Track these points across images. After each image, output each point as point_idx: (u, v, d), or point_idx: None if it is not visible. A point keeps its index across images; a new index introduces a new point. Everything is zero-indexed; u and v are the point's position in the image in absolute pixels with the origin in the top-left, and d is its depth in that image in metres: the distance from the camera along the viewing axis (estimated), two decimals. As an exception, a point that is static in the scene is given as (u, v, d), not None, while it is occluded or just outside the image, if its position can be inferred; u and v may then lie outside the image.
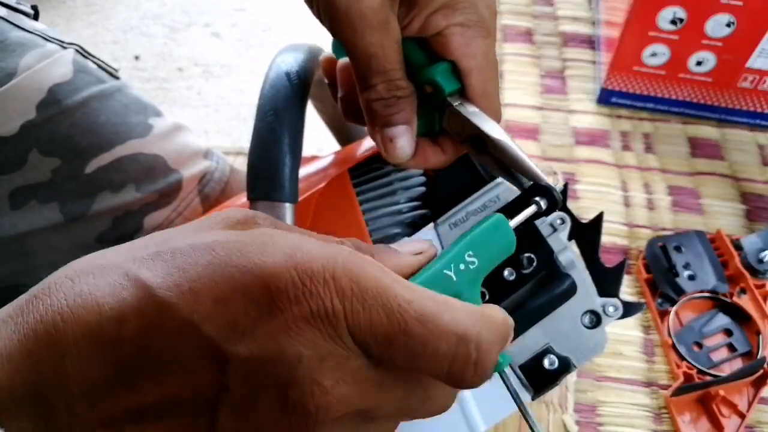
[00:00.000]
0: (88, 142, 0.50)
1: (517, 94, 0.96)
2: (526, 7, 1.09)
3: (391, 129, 0.34)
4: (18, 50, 0.47)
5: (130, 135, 0.52)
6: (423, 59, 0.36)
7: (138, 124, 0.52)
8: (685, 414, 0.64)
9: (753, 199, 0.83)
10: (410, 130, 0.35)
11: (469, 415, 0.35)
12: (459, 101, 0.35)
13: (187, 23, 1.17)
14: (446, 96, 0.35)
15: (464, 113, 0.35)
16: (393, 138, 0.34)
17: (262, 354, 0.19)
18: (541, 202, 0.32)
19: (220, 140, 0.95)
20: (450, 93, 0.35)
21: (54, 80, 0.48)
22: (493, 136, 0.34)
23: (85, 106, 0.50)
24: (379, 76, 0.33)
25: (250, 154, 0.38)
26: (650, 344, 0.70)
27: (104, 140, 0.51)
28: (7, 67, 0.46)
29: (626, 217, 0.81)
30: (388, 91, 0.33)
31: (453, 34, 0.34)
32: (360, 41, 0.32)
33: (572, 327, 0.36)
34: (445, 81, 0.35)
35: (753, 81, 0.87)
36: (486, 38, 0.36)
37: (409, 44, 0.35)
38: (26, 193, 0.48)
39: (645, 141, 0.90)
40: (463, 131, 0.35)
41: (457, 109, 0.35)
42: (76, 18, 1.19)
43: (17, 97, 0.47)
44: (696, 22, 0.82)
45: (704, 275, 0.71)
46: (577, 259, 0.36)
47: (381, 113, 0.34)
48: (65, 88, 0.49)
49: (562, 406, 0.64)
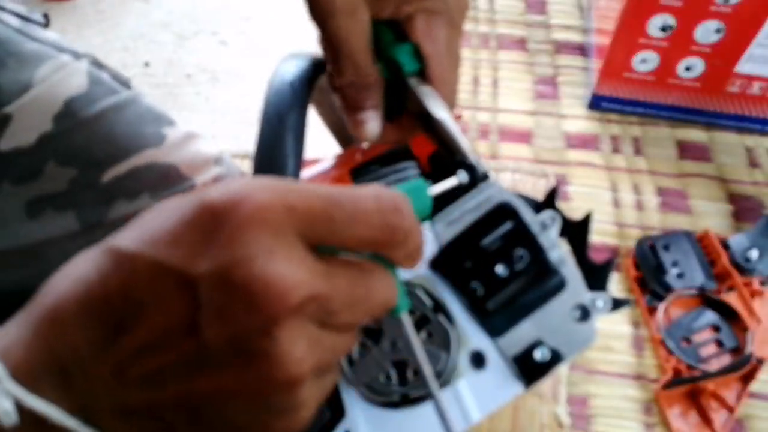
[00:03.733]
0: (105, 152, 0.51)
1: (510, 99, 0.99)
2: (520, 16, 1.12)
3: (361, 113, 0.38)
4: (33, 62, 0.48)
5: (145, 145, 0.53)
6: (391, 40, 0.38)
7: (152, 134, 0.53)
8: (675, 407, 0.66)
9: (740, 200, 0.85)
10: (378, 113, 0.38)
11: (464, 405, 0.37)
12: (417, 81, 0.38)
13: (195, 31, 1.19)
14: (406, 75, 0.37)
15: (418, 92, 0.37)
16: (363, 121, 0.38)
17: (218, 265, 0.21)
18: (463, 176, 0.35)
19: (227, 144, 0.97)
20: (410, 72, 0.38)
21: (69, 92, 0.49)
22: (436, 114, 0.36)
23: (101, 117, 0.50)
24: (348, 63, 0.36)
25: (255, 158, 0.40)
26: (640, 339, 0.72)
27: (120, 150, 0.51)
28: (23, 79, 0.47)
29: (616, 217, 0.83)
30: (357, 77, 0.37)
31: (419, 18, 0.37)
32: (329, 27, 0.35)
33: (563, 321, 0.37)
34: (406, 60, 0.37)
35: (741, 85, 0.89)
36: (450, 28, 0.38)
37: (382, 27, 0.38)
38: (43, 203, 0.49)
39: (634, 144, 0.92)
40: (417, 109, 0.38)
41: (412, 88, 0.37)
42: (87, 26, 1.20)
43: (34, 109, 0.47)
44: (685, 28, 0.84)
45: (692, 273, 0.73)
46: (567, 256, 0.38)
47: (351, 97, 0.37)
48: (81, 100, 0.50)
49: (554, 398, 0.65)
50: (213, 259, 0.21)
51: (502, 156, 0.91)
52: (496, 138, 0.93)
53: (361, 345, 0.35)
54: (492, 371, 0.36)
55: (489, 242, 0.36)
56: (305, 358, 0.23)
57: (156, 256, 0.22)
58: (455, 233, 0.37)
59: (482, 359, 0.36)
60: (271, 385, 0.22)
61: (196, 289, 0.22)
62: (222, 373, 0.22)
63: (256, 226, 0.22)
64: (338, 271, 0.24)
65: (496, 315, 0.36)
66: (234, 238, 0.21)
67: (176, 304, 0.22)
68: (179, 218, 0.22)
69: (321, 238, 0.23)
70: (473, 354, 0.36)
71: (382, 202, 0.24)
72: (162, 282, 0.22)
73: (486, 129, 0.94)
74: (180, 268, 0.22)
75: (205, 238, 0.22)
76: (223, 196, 0.22)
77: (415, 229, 0.26)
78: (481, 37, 1.08)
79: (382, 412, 0.36)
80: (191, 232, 0.22)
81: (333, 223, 0.23)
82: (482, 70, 1.03)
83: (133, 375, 0.22)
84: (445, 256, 0.37)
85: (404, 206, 0.25)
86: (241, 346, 0.22)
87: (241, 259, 0.21)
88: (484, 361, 0.36)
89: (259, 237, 0.22)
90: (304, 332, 0.23)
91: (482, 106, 0.98)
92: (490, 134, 0.94)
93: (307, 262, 0.23)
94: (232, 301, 0.21)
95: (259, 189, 0.22)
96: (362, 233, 0.24)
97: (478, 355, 0.36)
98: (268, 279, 0.21)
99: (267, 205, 0.22)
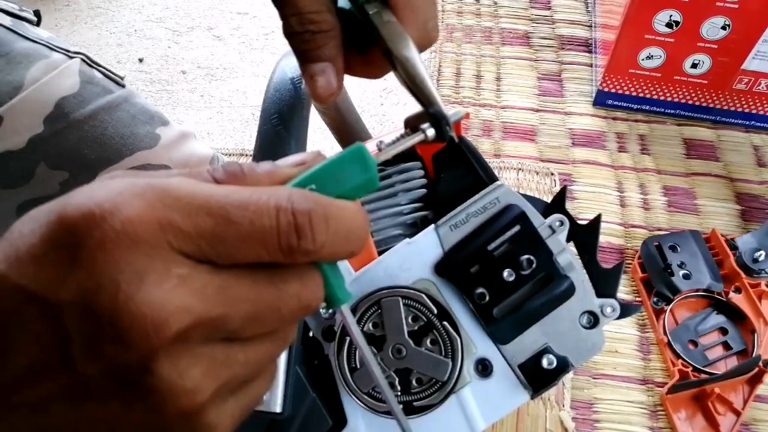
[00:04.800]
0: (97, 154, 0.50)
1: (514, 96, 0.97)
2: (524, 11, 1.10)
3: (312, 66, 0.32)
4: (24, 62, 0.47)
5: (138, 146, 0.52)
6: None
7: (146, 135, 0.53)
8: (681, 411, 0.65)
9: (748, 200, 0.84)
10: (332, 67, 0.32)
11: (469, 414, 0.36)
12: (377, 9, 0.31)
13: (190, 26, 1.17)
14: (362, 2, 0.31)
15: (376, 23, 0.31)
16: (314, 75, 0.32)
17: (81, 292, 0.18)
18: (428, 131, 0.28)
19: (223, 142, 0.96)
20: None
21: (61, 93, 0.48)
22: (397, 52, 0.30)
23: (93, 118, 0.49)
24: (289, 8, 0.31)
25: (255, 156, 0.39)
26: (646, 342, 0.71)
27: (113, 152, 0.51)
28: (14, 80, 0.46)
29: (622, 217, 0.82)
30: (300, 25, 0.31)
31: None
32: None
33: (570, 327, 0.36)
34: None
35: (748, 83, 0.88)
36: None
37: None
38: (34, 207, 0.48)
39: (640, 142, 0.91)
40: (379, 44, 0.31)
41: (371, 19, 0.31)
42: (80, 21, 1.19)
43: (24, 111, 0.46)
44: (692, 24, 0.82)
45: (699, 274, 0.72)
46: (575, 261, 0.37)
47: (299, 48, 0.32)
48: (72, 101, 0.49)
49: (559, 402, 0.64)
50: (76, 284, 0.18)
51: (505, 154, 0.89)
52: (499, 135, 0.92)
53: (362, 352, 0.34)
54: (498, 379, 0.35)
55: (495, 246, 0.35)
56: (201, 386, 0.20)
57: (18, 280, 0.19)
58: (460, 237, 0.36)
59: (488, 367, 0.35)
60: (166, 417, 0.20)
61: (62, 317, 0.19)
62: (108, 404, 0.20)
63: (120, 245, 0.19)
64: (239, 281, 0.21)
65: (502, 322, 0.35)
66: (95, 259, 0.18)
67: (45, 334, 0.19)
68: (41, 233, 0.19)
69: (208, 257, 0.20)
70: (479, 361, 0.35)
71: (283, 220, 0.21)
72: (27, 309, 0.19)
73: (489, 126, 0.93)
74: (43, 294, 0.19)
75: (68, 257, 0.19)
76: (82, 207, 0.19)
77: (325, 243, 0.22)
78: (485, 32, 1.07)
79: (385, 421, 0.35)
80: (53, 250, 0.19)
81: (223, 244, 0.20)
82: (485, 66, 1.02)
83: (17, 402, 0.20)
84: (450, 261, 0.36)
85: (311, 223, 0.21)
86: (123, 380, 0.19)
87: (104, 285, 0.18)
88: (490, 368, 0.35)
89: (125, 258, 0.18)
90: (196, 359, 0.20)
91: (485, 102, 0.96)
92: (494, 131, 0.92)
93: (190, 282, 0.19)
94: (101, 333, 0.18)
95: (130, 199, 0.19)
96: (257, 254, 0.21)
97: (483, 362, 0.35)
98: (136, 310, 0.18)
99: (136, 220, 0.19)
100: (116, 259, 0.18)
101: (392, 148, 0.27)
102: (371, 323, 0.35)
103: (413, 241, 0.37)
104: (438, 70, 1.01)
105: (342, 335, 0.35)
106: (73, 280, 0.19)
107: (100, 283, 0.18)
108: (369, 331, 0.35)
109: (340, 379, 0.34)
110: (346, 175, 0.24)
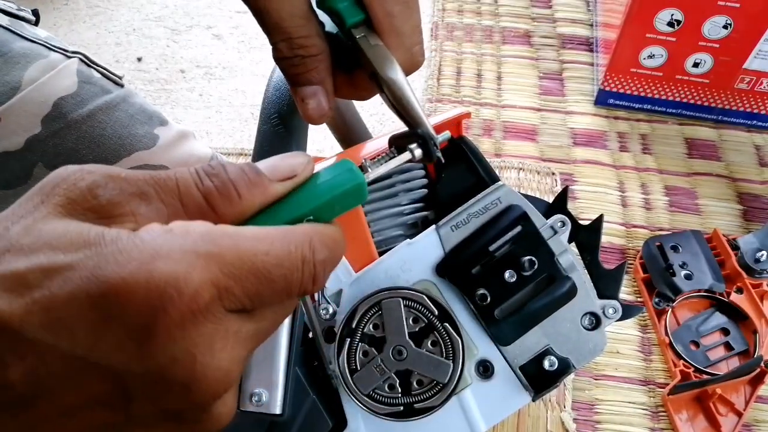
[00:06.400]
0: (95, 155, 0.49)
1: (515, 96, 0.97)
2: (525, 9, 1.10)
3: (303, 89, 0.33)
4: (22, 62, 0.47)
5: (137, 147, 0.52)
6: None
7: (144, 135, 0.52)
8: (683, 412, 0.65)
9: (749, 200, 0.83)
10: (322, 90, 0.33)
11: (470, 416, 0.36)
12: (364, 33, 0.32)
13: (188, 25, 1.17)
14: (349, 27, 0.32)
15: (363, 46, 0.32)
16: (304, 98, 0.33)
17: (158, 366, 0.20)
18: (416, 151, 0.29)
19: (222, 142, 0.95)
20: (353, 24, 0.32)
21: (59, 93, 0.48)
22: (383, 74, 0.31)
23: (91, 119, 0.49)
24: (278, 34, 0.31)
25: (255, 156, 0.38)
26: (647, 343, 0.70)
27: (111, 153, 0.50)
28: (12, 80, 0.46)
29: (623, 217, 0.82)
30: (290, 50, 0.32)
31: None
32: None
33: (572, 328, 0.36)
34: (347, 10, 0.32)
35: (750, 82, 0.88)
36: None
37: None
38: None
39: (642, 142, 0.91)
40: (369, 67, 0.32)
41: (359, 43, 0.32)
42: (79, 20, 1.18)
43: (22, 111, 0.46)
44: (693, 23, 0.82)
45: (701, 275, 0.72)
46: (577, 262, 0.37)
47: (289, 72, 0.33)
48: (70, 101, 0.49)
49: (560, 403, 0.64)
50: (150, 359, 0.19)
51: (506, 153, 0.89)
52: (500, 135, 0.92)
53: (363, 353, 0.34)
54: (499, 381, 0.35)
55: (497, 247, 0.35)
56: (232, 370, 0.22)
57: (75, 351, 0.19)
58: (461, 237, 0.36)
59: (489, 368, 0.35)
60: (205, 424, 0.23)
61: (124, 381, 0.20)
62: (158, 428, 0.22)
63: (193, 321, 0.20)
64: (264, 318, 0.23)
65: (503, 323, 0.35)
66: (170, 336, 0.20)
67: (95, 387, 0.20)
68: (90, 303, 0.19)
69: (245, 308, 0.22)
70: (480, 363, 0.35)
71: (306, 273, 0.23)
72: (79, 372, 0.19)
73: (490, 126, 0.93)
74: (105, 365, 0.19)
75: (138, 336, 0.19)
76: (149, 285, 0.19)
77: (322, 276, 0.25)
78: (485, 31, 1.07)
79: (385, 423, 0.34)
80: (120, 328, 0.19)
81: (260, 298, 0.22)
82: (486, 65, 1.01)
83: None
84: (451, 262, 0.35)
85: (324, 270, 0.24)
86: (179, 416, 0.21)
87: (180, 359, 0.20)
88: (491, 370, 0.35)
89: (197, 330, 0.20)
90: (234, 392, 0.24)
91: (486, 102, 0.96)
92: (495, 131, 0.92)
93: (238, 335, 0.22)
94: (169, 394, 0.20)
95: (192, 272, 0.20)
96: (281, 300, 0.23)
97: (484, 364, 0.35)
98: (211, 376, 0.21)
99: (202, 295, 0.20)
100: (190, 335, 0.20)
101: (380, 168, 0.29)
102: (372, 324, 0.34)
103: (414, 241, 0.37)
104: (438, 69, 1.01)
105: (342, 336, 0.34)
106: (147, 356, 0.20)
107: (176, 357, 0.20)
108: (369, 332, 0.34)
109: (340, 380, 0.34)
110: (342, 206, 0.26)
